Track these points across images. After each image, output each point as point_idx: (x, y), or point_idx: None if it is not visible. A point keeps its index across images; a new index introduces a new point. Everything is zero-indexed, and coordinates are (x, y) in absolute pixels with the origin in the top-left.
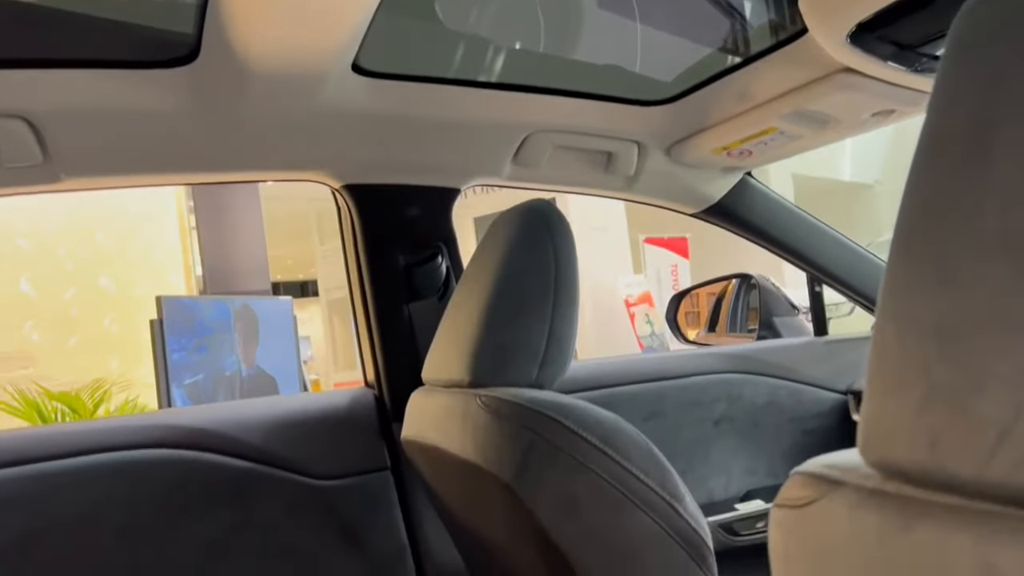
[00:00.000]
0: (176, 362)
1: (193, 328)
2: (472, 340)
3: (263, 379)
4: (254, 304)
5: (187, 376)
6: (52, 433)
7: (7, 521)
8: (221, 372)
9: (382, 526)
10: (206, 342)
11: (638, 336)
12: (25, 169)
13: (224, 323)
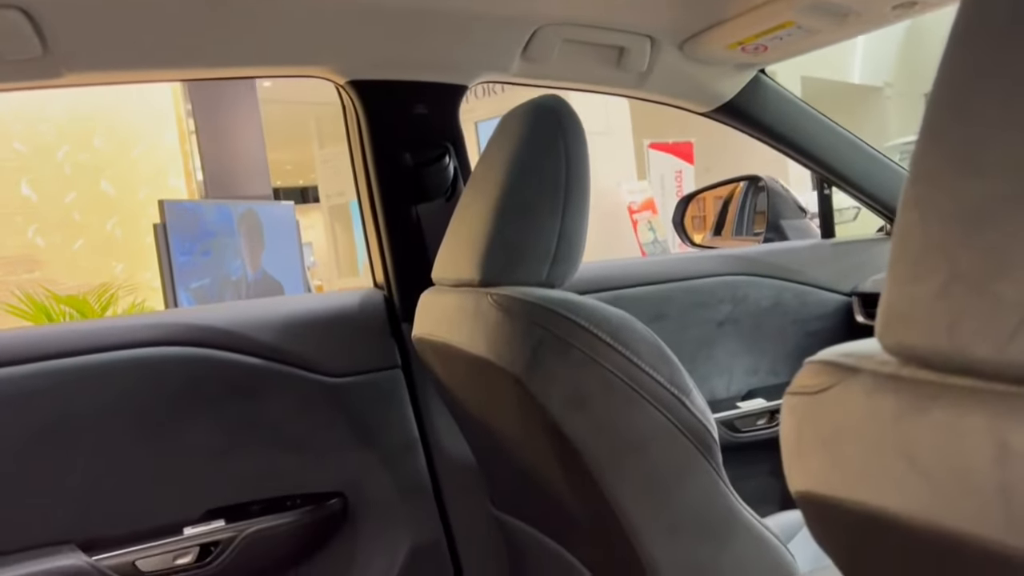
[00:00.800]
0: (181, 266)
1: (196, 232)
2: (482, 239)
3: (270, 284)
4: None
5: (193, 280)
6: (70, 331)
7: (31, 414)
8: (227, 276)
9: (393, 421)
10: (210, 246)
11: (640, 244)
12: (25, 63)
13: (227, 227)
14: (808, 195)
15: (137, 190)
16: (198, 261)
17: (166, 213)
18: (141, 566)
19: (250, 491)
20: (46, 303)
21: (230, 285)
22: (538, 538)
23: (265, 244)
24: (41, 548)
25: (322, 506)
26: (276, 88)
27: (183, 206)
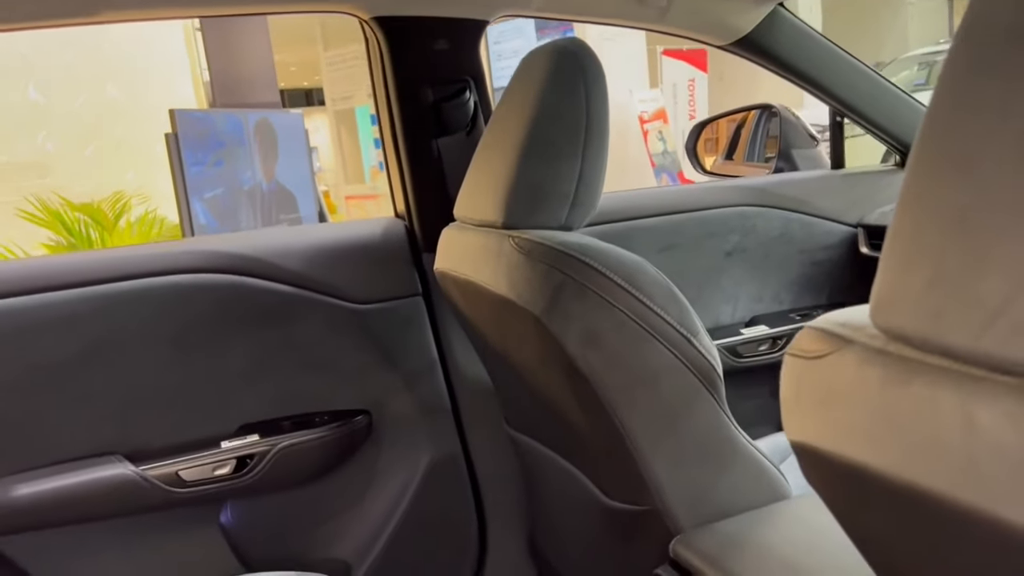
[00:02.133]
0: (194, 176)
1: (208, 142)
2: (505, 183)
3: (283, 194)
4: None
5: (207, 190)
6: (112, 257)
7: (77, 335)
8: (240, 186)
9: (414, 345)
10: (222, 155)
11: (650, 154)
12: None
13: (238, 137)
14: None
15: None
16: (211, 171)
17: (177, 122)
18: (184, 476)
19: (281, 408)
20: (60, 210)
21: (243, 195)
22: (550, 456)
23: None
24: (91, 458)
25: (348, 422)
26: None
27: (194, 115)
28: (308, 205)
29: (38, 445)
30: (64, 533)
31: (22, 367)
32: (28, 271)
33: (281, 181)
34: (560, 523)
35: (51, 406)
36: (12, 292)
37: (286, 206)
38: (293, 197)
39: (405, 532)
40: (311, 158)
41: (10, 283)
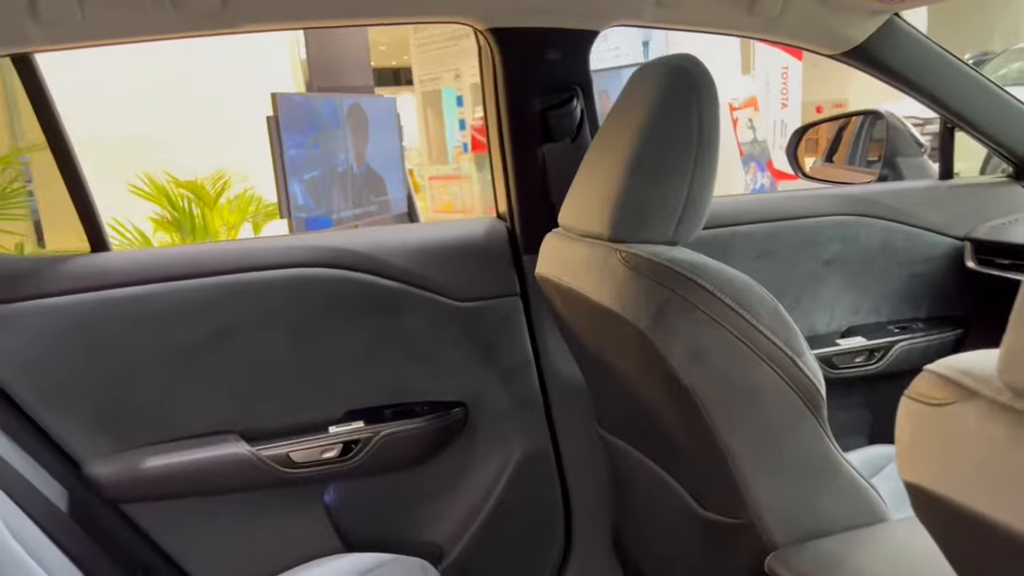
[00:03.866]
0: (292, 158)
1: (307, 125)
2: (612, 196)
3: (373, 177)
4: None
5: (304, 172)
6: (234, 250)
7: (202, 321)
8: (334, 169)
9: (511, 343)
10: (319, 139)
11: (739, 143)
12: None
13: (334, 121)
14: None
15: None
16: (309, 153)
17: (279, 105)
18: (294, 457)
19: (384, 397)
20: (166, 186)
21: (337, 178)
22: (642, 460)
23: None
24: (211, 436)
25: (447, 414)
26: None
27: (295, 99)
28: (397, 188)
29: (166, 421)
30: (184, 504)
31: (157, 349)
32: (163, 260)
33: (372, 164)
34: (648, 526)
35: (179, 386)
36: (150, 279)
37: (376, 189)
38: (383, 180)
39: (495, 521)
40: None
41: (148, 271)
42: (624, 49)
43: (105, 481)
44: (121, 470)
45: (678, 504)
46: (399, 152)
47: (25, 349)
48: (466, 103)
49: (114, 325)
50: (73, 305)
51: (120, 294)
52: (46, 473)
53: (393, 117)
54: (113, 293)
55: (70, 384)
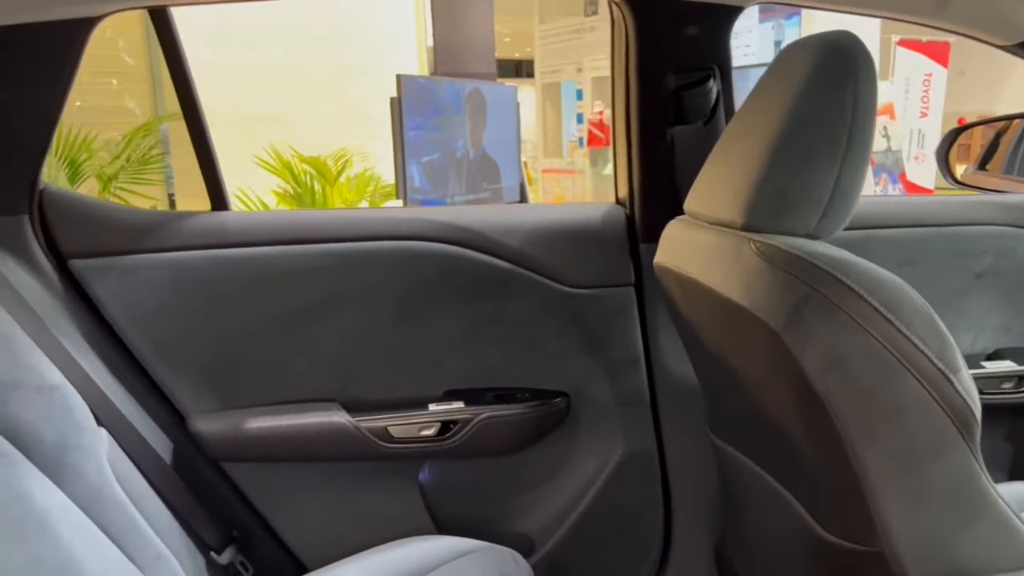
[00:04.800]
0: (412, 140)
1: (428, 108)
2: (750, 182)
3: (488, 163)
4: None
5: (423, 154)
6: (349, 218)
7: (311, 287)
8: (452, 153)
9: (621, 335)
10: (440, 122)
11: None
12: None
13: (455, 105)
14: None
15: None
16: (429, 136)
17: (403, 87)
18: (392, 432)
19: (484, 379)
20: (291, 161)
21: (453, 162)
22: (757, 472)
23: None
24: (313, 403)
25: (548, 402)
26: None
27: (418, 82)
28: (511, 176)
29: (271, 384)
30: (281, 468)
31: (267, 312)
32: (279, 223)
33: (488, 151)
34: (758, 542)
35: (286, 350)
36: (265, 241)
37: (490, 175)
38: (497, 167)
39: (590, 519)
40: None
41: (264, 233)
42: (755, 48)
43: (208, 438)
44: (224, 428)
45: (795, 523)
46: (515, 140)
47: (145, 300)
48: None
49: (228, 284)
50: (191, 261)
51: (236, 253)
52: (154, 424)
53: (513, 105)
54: (229, 252)
55: (183, 338)
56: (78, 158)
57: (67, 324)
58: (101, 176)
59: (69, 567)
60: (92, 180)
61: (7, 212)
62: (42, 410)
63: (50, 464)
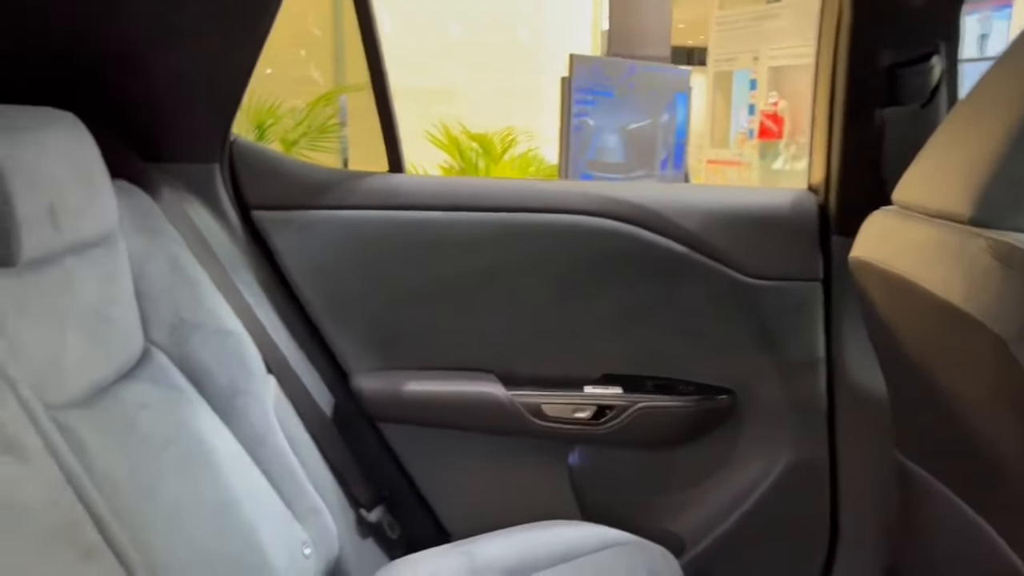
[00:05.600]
0: (581, 120)
1: (599, 88)
2: (984, 168)
3: (655, 147)
4: (654, 72)
5: (591, 135)
6: (515, 187)
7: (476, 255)
8: (620, 134)
9: (800, 334)
10: (609, 103)
11: None
12: None
13: (626, 86)
14: None
15: (547, 40)
16: (597, 117)
17: (575, 67)
18: (546, 410)
19: (643, 366)
20: (459, 137)
21: (621, 143)
22: (952, 500)
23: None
24: (471, 371)
25: (711, 398)
26: None
27: (591, 62)
28: (677, 161)
29: (431, 349)
30: (434, 433)
31: (432, 276)
32: (449, 189)
33: (656, 134)
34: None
35: (447, 316)
36: (435, 206)
37: (657, 159)
38: (664, 151)
39: (746, 528)
40: (688, 117)
41: (434, 197)
42: None
43: (368, 396)
44: (384, 388)
45: (996, 561)
46: (684, 126)
47: (319, 255)
48: (760, 87)
49: (398, 245)
50: (364, 220)
51: (406, 216)
52: (318, 377)
53: (684, 90)
54: (402, 214)
55: (352, 296)
56: (265, 123)
57: (246, 272)
58: (284, 141)
59: (230, 507)
60: (276, 144)
61: (200, 160)
62: (218, 353)
63: (220, 405)
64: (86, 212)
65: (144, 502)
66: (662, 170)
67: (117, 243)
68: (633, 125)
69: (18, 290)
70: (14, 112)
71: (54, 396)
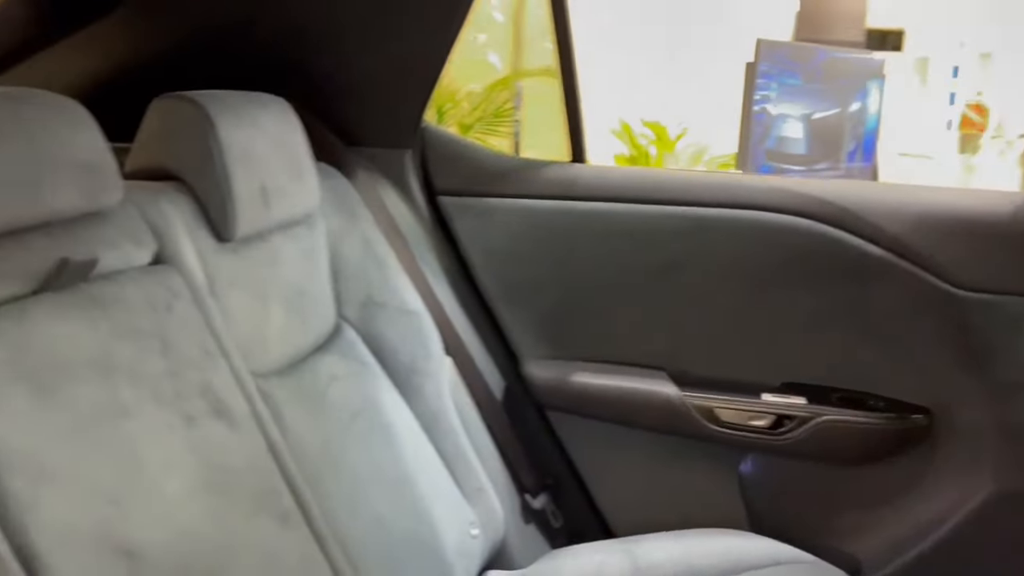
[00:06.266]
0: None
1: (786, 75)
2: None
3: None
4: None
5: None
6: (703, 181)
7: (655, 248)
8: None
9: (1014, 355)
10: (797, 91)
11: None
12: None
13: (813, 73)
14: None
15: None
16: (782, 105)
17: (760, 52)
18: (719, 414)
19: (830, 377)
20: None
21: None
22: None
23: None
24: (642, 368)
25: (905, 417)
26: None
27: (779, 47)
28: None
29: (604, 341)
30: (601, 426)
31: (610, 268)
32: (633, 180)
33: (844, 124)
34: None
35: (622, 309)
36: (617, 197)
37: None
38: (852, 142)
39: (937, 559)
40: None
41: (617, 189)
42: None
43: (538, 383)
44: (554, 377)
45: None
46: (876, 116)
47: (498, 241)
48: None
49: (576, 236)
50: (544, 209)
51: (587, 207)
52: (491, 362)
53: (878, 77)
54: (581, 205)
55: (528, 283)
56: (444, 106)
57: (429, 255)
58: (461, 125)
59: (406, 481)
60: (453, 128)
61: (393, 145)
62: (402, 331)
63: (400, 382)
64: (293, 192)
65: (331, 471)
66: (849, 162)
67: (317, 222)
68: (819, 114)
69: (233, 264)
70: (233, 97)
71: (259, 364)
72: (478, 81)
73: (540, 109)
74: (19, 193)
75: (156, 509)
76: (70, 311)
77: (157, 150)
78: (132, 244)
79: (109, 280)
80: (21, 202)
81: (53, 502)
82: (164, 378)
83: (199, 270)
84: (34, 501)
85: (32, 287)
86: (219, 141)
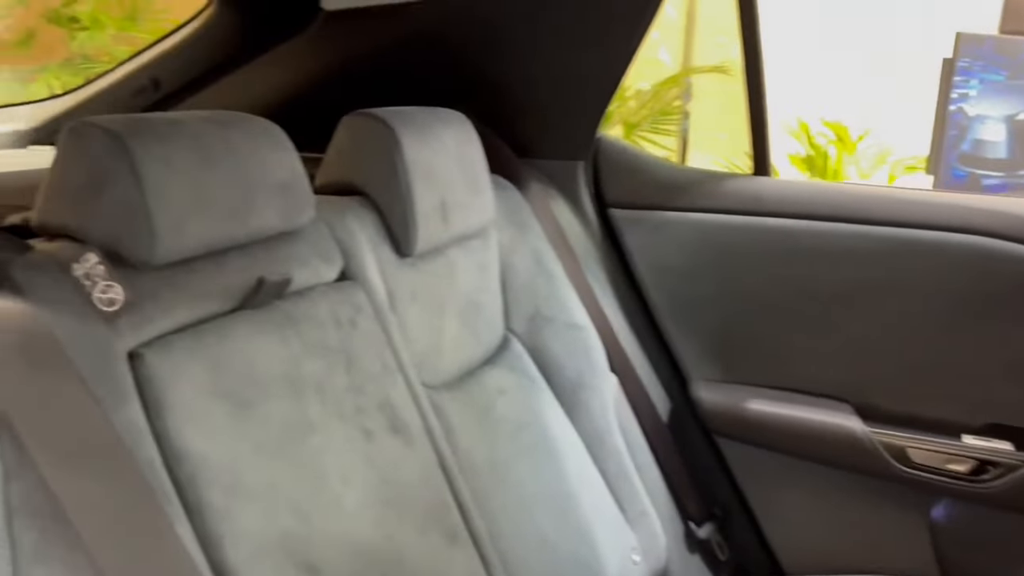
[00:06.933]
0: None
1: (991, 72)
2: None
3: None
4: None
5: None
6: (907, 199)
7: (842, 270)
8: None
9: None
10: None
11: None
12: None
13: (1020, 68)
14: None
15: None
16: (983, 104)
17: (959, 47)
18: (912, 455)
19: None
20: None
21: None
22: None
23: None
24: (822, 398)
25: None
26: None
27: (983, 41)
28: None
29: (780, 367)
30: (776, 457)
31: (790, 289)
32: (820, 196)
33: None
34: None
35: (802, 334)
36: (803, 214)
37: None
38: None
39: None
40: None
41: (803, 205)
42: None
43: (707, 407)
44: (725, 401)
45: None
46: None
47: (669, 256)
48: None
49: (755, 253)
50: (720, 224)
51: (769, 223)
52: (657, 381)
53: None
54: (762, 221)
55: (699, 301)
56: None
57: (598, 269)
58: (626, 123)
59: (570, 500)
60: (619, 126)
61: (567, 157)
62: (568, 345)
63: (565, 398)
64: (470, 206)
65: (497, 487)
66: None
67: (491, 235)
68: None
69: (412, 279)
70: (419, 115)
71: (431, 377)
72: (648, 79)
73: (710, 107)
74: (228, 216)
75: (336, 525)
76: (265, 328)
77: (346, 166)
78: (321, 261)
79: (300, 297)
80: (230, 224)
81: (246, 516)
82: (347, 393)
83: (381, 285)
84: (228, 514)
85: (231, 305)
86: (404, 159)
